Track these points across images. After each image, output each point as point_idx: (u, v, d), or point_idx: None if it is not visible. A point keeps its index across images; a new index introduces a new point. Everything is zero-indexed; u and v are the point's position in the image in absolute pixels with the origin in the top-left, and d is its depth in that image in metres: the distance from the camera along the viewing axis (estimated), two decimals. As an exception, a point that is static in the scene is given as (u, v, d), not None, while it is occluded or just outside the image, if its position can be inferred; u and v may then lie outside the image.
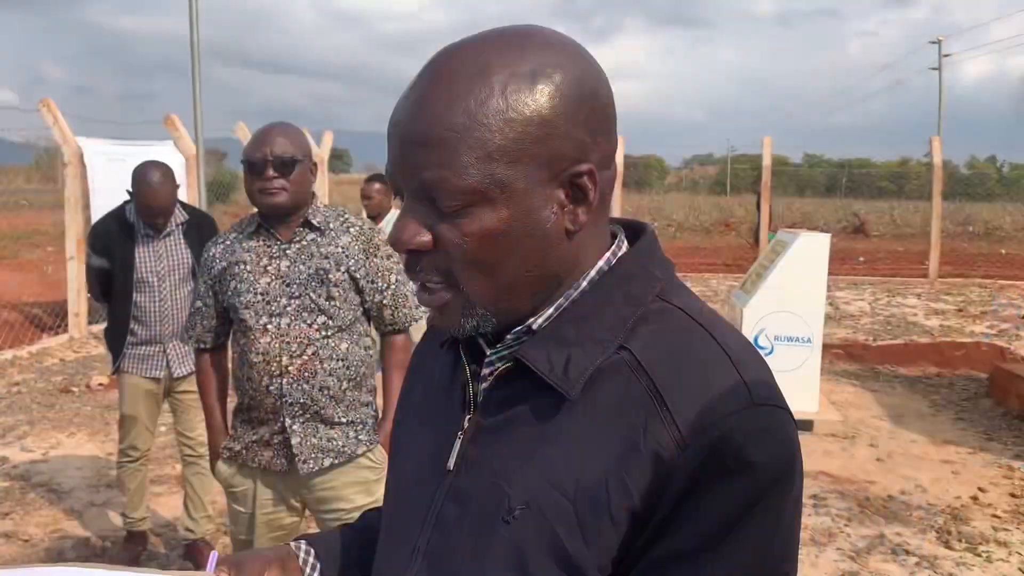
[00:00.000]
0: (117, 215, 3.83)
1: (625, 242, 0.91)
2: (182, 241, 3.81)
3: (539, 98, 0.78)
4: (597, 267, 0.87)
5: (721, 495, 0.74)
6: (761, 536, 0.76)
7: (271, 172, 2.34)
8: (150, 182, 3.56)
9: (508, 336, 0.87)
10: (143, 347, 3.80)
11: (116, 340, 3.83)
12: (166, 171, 3.65)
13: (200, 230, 3.85)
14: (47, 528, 4.26)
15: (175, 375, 3.85)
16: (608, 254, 0.88)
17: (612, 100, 0.85)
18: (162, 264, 3.76)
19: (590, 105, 0.81)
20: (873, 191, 29.87)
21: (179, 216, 3.81)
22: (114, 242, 3.76)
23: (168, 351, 3.82)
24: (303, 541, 1.11)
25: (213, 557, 1.01)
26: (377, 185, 5.73)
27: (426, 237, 0.81)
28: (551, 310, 0.85)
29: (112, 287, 3.80)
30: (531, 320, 0.86)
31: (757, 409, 0.77)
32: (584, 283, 0.86)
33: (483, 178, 0.78)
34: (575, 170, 0.80)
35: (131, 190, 3.64)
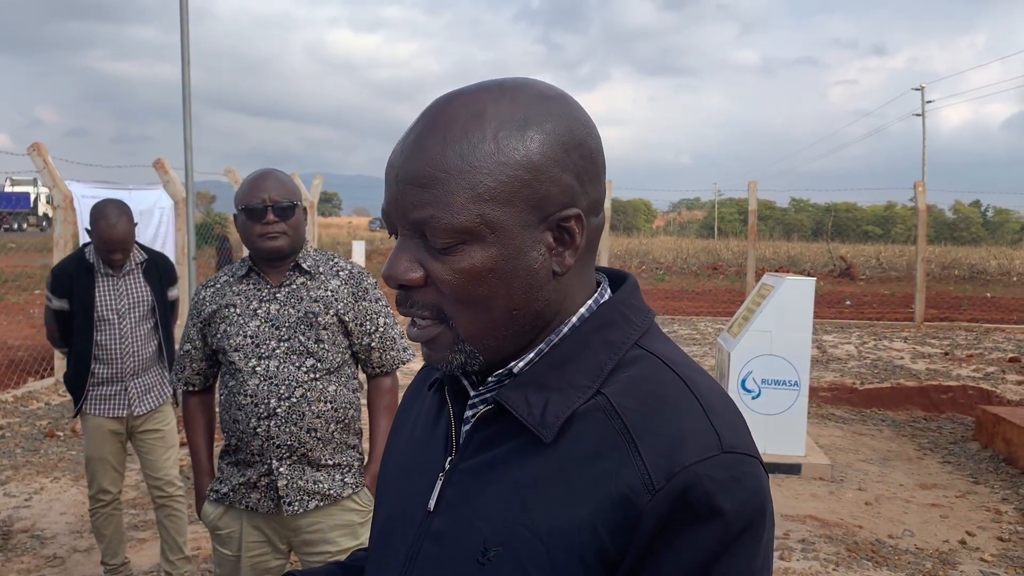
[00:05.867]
0: (77, 257, 3.83)
1: (608, 290, 0.93)
2: (142, 279, 3.82)
3: (529, 144, 0.81)
4: (579, 313, 0.89)
5: (690, 541, 0.75)
6: None
7: (272, 217, 2.38)
8: (107, 217, 3.58)
9: (490, 379, 0.89)
10: (104, 387, 3.78)
11: (77, 382, 3.78)
12: (123, 208, 3.67)
13: (159, 269, 3.89)
14: (29, 575, 4.20)
15: (135, 413, 3.81)
16: (591, 301, 0.90)
17: (601, 149, 0.88)
18: (122, 302, 3.75)
19: (578, 153, 0.84)
20: (859, 235, 30.17)
21: (138, 255, 3.83)
22: (74, 283, 3.74)
23: (129, 390, 3.80)
24: None
25: None
26: None
27: (417, 273, 0.84)
28: (532, 354, 0.87)
29: (72, 328, 3.77)
30: (512, 364, 0.87)
31: (727, 456, 0.78)
32: (565, 328, 0.88)
33: (473, 218, 0.81)
34: (563, 214, 0.83)
35: (89, 228, 3.65)
